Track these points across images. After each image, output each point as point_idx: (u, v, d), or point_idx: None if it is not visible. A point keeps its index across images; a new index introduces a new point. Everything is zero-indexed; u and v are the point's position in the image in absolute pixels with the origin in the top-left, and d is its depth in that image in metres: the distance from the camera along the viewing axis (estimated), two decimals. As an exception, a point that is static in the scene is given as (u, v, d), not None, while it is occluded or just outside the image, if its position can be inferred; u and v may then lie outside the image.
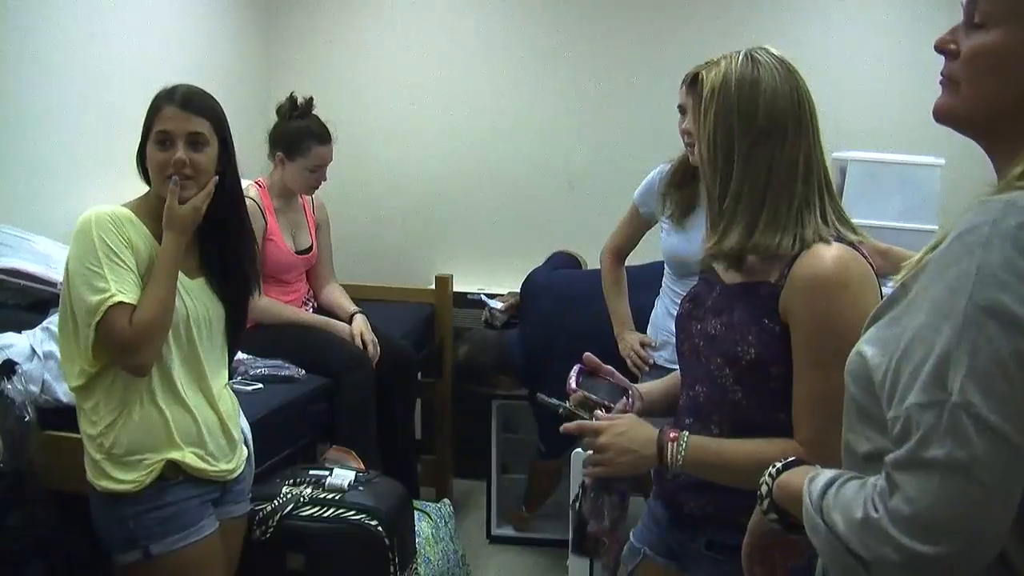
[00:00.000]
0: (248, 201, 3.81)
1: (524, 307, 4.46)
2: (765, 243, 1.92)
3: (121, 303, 2.41)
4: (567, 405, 2.17)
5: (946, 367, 1.12)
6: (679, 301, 2.38)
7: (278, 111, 4.17)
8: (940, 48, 1.32)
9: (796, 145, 1.92)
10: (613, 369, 2.28)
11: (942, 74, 1.33)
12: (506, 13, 5.47)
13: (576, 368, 2.21)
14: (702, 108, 1.95)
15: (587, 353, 2.24)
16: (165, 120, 2.51)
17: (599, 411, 2.13)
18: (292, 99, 4.17)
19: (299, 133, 4.10)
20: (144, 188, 2.62)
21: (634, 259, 3.80)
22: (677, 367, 2.27)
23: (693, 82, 2.00)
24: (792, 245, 1.91)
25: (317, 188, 4.24)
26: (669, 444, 1.97)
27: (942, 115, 1.33)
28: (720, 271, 2.10)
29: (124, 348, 2.44)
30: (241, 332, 2.86)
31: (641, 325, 3.68)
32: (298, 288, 4.27)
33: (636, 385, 2.31)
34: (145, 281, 2.49)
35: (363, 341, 4.06)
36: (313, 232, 4.33)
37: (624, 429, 2.04)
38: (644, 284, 3.71)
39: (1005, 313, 1.10)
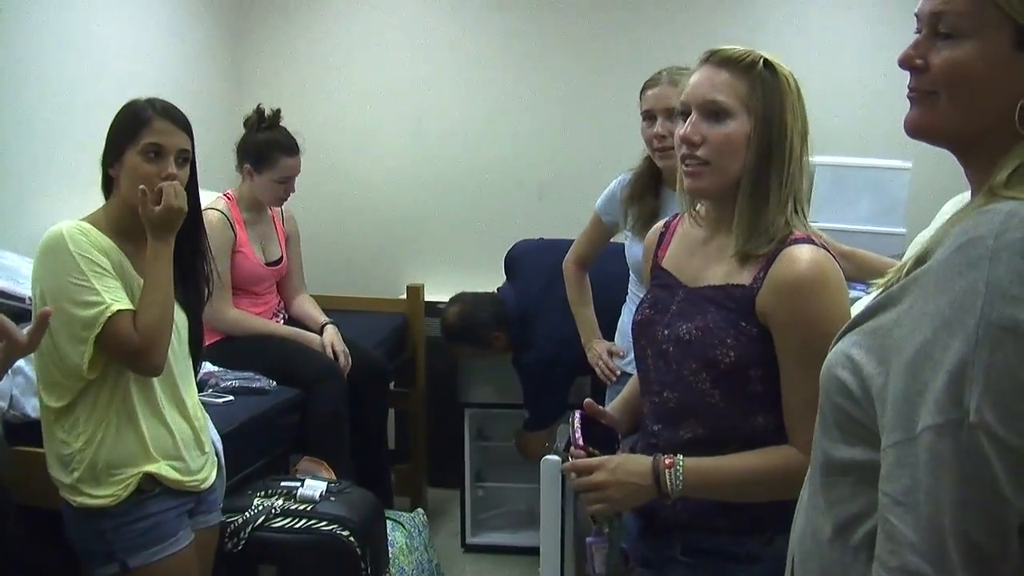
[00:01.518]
0: (216, 213, 3.85)
1: (515, 266, 4.46)
2: (771, 234, 1.95)
3: (120, 311, 2.42)
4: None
5: (960, 385, 1.09)
6: None
7: (245, 123, 4.15)
8: (906, 64, 1.31)
9: (808, 149, 1.99)
10: (605, 411, 2.24)
11: (912, 88, 1.31)
12: (474, 24, 5.48)
13: (578, 416, 2.15)
14: (789, 94, 1.95)
15: (588, 400, 2.20)
16: (157, 133, 2.50)
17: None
18: (259, 111, 4.15)
19: (267, 145, 4.08)
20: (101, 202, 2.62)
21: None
22: None
23: (749, 67, 1.96)
24: (778, 242, 1.94)
25: (286, 200, 4.23)
26: (666, 471, 1.95)
27: (920, 129, 1.32)
28: (680, 273, 2.10)
29: (134, 354, 2.45)
30: (202, 344, 2.86)
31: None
32: (268, 300, 4.27)
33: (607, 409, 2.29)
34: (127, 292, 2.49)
35: (334, 352, 4.05)
36: (283, 243, 4.33)
37: (617, 463, 2.01)
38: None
39: (1020, 330, 1.08)
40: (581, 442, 2.08)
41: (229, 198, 4.11)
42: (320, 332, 4.17)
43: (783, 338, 1.90)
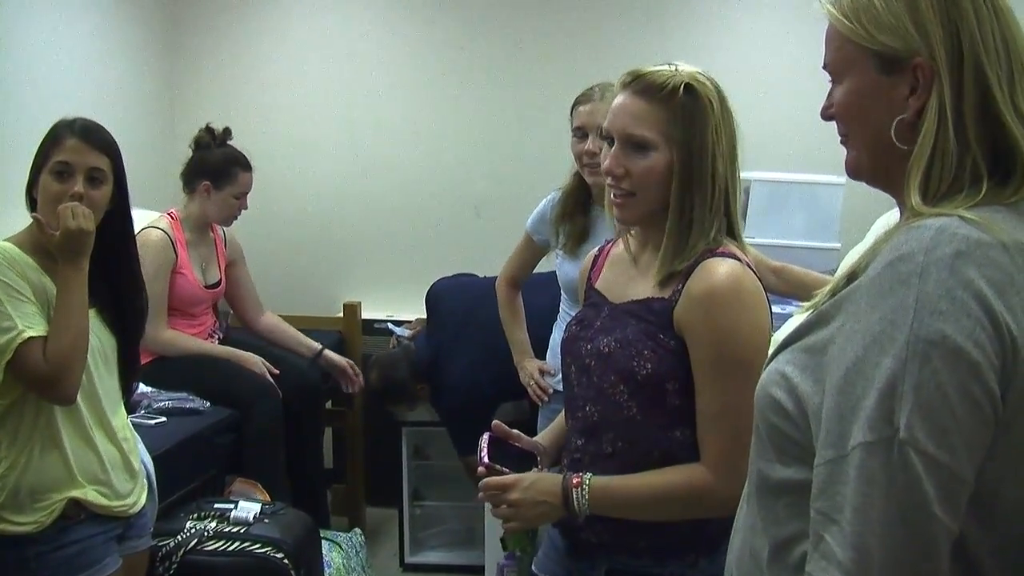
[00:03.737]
0: (158, 232, 3.85)
1: (430, 310, 4.45)
2: (694, 251, 1.95)
3: (31, 338, 2.38)
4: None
5: (891, 402, 1.10)
6: None
7: (198, 142, 4.17)
8: (824, 116, 1.38)
9: (737, 165, 1.99)
10: (520, 434, 2.24)
11: (840, 134, 1.37)
12: (411, 40, 5.47)
13: (486, 437, 2.16)
14: (712, 115, 1.93)
15: (496, 421, 2.21)
16: (66, 151, 2.47)
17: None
18: (210, 129, 4.19)
19: (226, 161, 4.13)
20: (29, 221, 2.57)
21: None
22: None
23: (670, 95, 1.95)
24: (699, 256, 1.94)
25: (237, 217, 4.26)
26: (573, 491, 1.96)
27: (850, 171, 1.37)
28: (608, 291, 2.11)
29: (43, 382, 2.41)
30: (136, 366, 2.82)
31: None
32: (204, 321, 4.23)
33: (536, 439, 2.29)
34: (46, 313, 2.45)
35: (340, 367, 4.37)
36: (222, 267, 4.32)
37: (531, 482, 2.03)
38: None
39: (948, 345, 1.08)
40: (486, 460, 2.09)
41: (173, 218, 4.10)
42: (319, 356, 4.43)
43: (696, 349, 1.91)
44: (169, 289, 3.96)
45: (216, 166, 4.11)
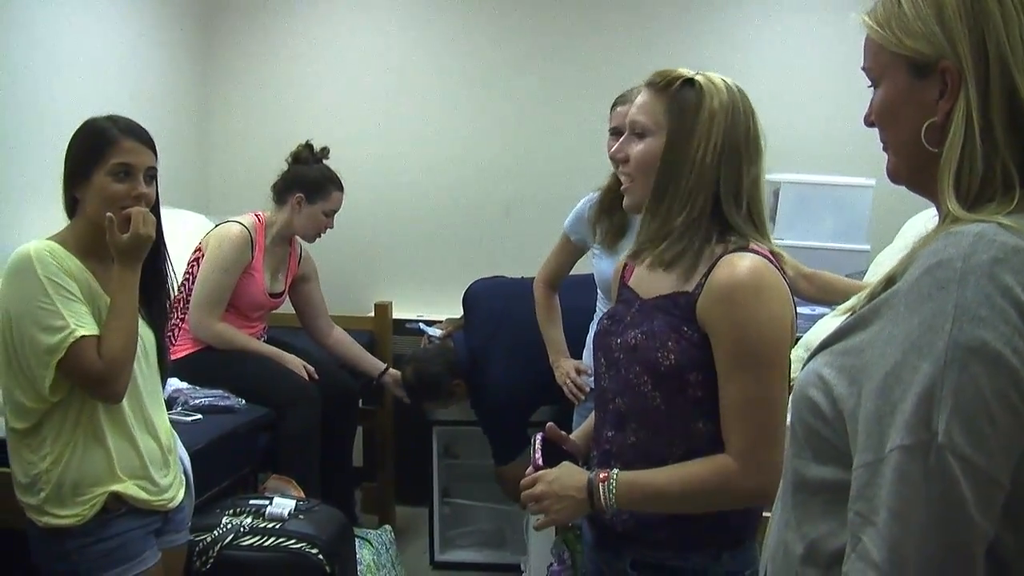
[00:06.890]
0: (242, 229, 3.97)
1: (468, 310, 4.47)
2: (705, 248, 1.98)
3: (84, 337, 2.41)
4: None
5: (929, 407, 1.10)
6: None
7: (296, 156, 4.28)
8: (866, 123, 1.40)
9: (757, 166, 2.01)
10: (568, 437, 2.27)
11: (881, 140, 1.38)
12: (442, 43, 5.51)
13: (539, 439, 2.18)
14: (707, 108, 1.96)
15: (550, 423, 2.24)
16: (125, 152, 2.50)
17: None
18: (309, 145, 4.30)
19: (323, 177, 4.26)
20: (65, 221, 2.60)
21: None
22: None
23: (667, 87, 2.01)
24: (719, 252, 1.97)
25: (322, 236, 4.35)
26: (600, 485, 1.98)
27: (890, 176, 1.38)
28: (639, 288, 2.13)
29: (97, 380, 2.44)
30: (167, 361, 2.85)
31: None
32: (256, 326, 4.28)
33: (574, 440, 2.31)
34: (92, 312, 2.48)
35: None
36: (288, 281, 4.39)
37: (556, 476, 2.05)
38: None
39: (987, 351, 1.09)
40: (541, 463, 2.11)
41: (260, 220, 4.19)
42: (383, 375, 4.59)
43: (718, 342, 1.93)
44: (236, 287, 4.04)
45: (311, 180, 4.22)
